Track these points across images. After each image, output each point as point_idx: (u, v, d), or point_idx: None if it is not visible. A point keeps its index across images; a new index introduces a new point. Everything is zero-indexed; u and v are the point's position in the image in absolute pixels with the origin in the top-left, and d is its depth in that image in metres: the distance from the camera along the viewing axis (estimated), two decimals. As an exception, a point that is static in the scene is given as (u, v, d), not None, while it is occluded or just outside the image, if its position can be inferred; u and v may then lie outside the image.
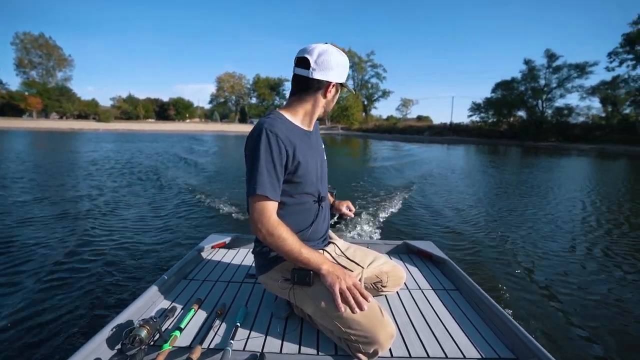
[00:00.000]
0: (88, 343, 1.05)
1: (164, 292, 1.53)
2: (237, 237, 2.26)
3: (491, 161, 16.75)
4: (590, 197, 7.19)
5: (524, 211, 5.76)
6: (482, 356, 1.13)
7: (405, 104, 68.64)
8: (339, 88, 1.27)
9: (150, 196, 6.17)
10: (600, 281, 3.01)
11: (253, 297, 1.54)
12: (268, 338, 1.21)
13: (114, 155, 13.19)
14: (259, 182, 1.13)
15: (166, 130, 45.65)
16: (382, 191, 7.02)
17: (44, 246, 3.41)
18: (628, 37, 32.91)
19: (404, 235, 4.08)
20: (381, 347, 1.06)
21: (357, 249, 1.53)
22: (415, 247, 2.11)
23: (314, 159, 1.29)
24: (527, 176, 10.59)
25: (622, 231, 4.68)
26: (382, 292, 1.53)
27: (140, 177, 8.36)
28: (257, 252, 1.35)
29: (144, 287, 1.87)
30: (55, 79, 66.75)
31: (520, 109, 43.60)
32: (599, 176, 11.89)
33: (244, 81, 79.06)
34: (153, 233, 3.99)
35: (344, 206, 1.63)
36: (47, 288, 2.55)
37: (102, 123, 56.64)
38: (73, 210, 4.88)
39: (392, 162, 13.99)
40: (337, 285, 1.09)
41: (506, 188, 8.28)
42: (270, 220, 1.14)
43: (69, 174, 8.41)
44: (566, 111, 39.96)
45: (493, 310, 1.34)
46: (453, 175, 10.49)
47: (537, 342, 1.10)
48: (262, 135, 1.14)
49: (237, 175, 8.71)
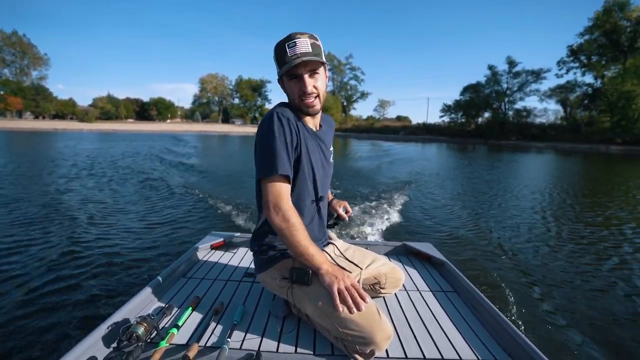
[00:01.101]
0: (85, 340, 1.05)
1: (161, 290, 1.53)
2: (236, 236, 2.25)
3: (464, 159, 17.90)
4: (574, 199, 7.11)
5: (518, 211, 5.82)
6: (478, 358, 1.13)
7: (383, 105, 72.14)
8: (285, 76, 1.19)
9: (148, 195, 6.17)
10: (599, 284, 3.00)
11: (251, 296, 1.53)
12: (265, 337, 1.21)
13: (106, 155, 13.30)
14: (279, 163, 1.11)
15: (151, 130, 46.16)
16: (370, 190, 7.15)
17: (41, 244, 3.41)
18: (572, 49, 37.42)
19: (403, 237, 4.07)
20: (378, 347, 1.05)
21: (356, 249, 1.52)
22: (414, 248, 2.10)
23: (316, 156, 1.28)
24: (503, 174, 11.29)
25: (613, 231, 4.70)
26: (380, 294, 1.51)
27: (137, 177, 8.35)
28: (256, 250, 1.33)
29: (141, 285, 1.85)
30: (31, 78, 65.47)
31: (486, 110, 47.80)
32: (567, 172, 13.09)
33: (226, 82, 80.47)
34: (151, 232, 3.99)
35: (341, 207, 1.61)
36: (44, 285, 2.56)
37: (86, 123, 56.56)
38: (69, 209, 4.87)
39: (375, 160, 14.60)
40: (336, 285, 1.07)
41: (492, 187, 8.45)
42: (288, 205, 1.13)
43: (60, 173, 8.41)
44: (525, 112, 44.67)
45: (490, 312, 1.34)
46: (438, 176, 10.58)
47: (533, 344, 1.09)
48: (273, 118, 1.14)
49: (235, 174, 9.04)
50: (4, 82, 60.14)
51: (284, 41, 1.14)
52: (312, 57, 1.13)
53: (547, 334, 2.20)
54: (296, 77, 1.17)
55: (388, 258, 1.85)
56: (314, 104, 1.21)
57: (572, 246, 4.00)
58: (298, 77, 1.17)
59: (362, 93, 68.00)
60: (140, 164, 10.87)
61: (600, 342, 2.14)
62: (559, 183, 9.48)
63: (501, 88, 45.96)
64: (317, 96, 1.21)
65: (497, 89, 46.15)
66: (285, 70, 1.14)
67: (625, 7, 32.13)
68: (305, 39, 1.14)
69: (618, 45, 33.13)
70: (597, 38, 34.88)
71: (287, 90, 1.23)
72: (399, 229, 4.52)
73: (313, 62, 1.14)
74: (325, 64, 1.22)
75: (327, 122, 1.43)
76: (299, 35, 1.14)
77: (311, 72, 1.17)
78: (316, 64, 1.17)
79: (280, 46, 1.14)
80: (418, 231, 4.49)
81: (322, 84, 1.22)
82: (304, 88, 1.16)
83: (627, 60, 31.88)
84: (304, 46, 1.13)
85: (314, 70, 1.18)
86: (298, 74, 1.16)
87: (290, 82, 1.19)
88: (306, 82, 1.16)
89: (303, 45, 1.13)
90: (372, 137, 47.76)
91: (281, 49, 1.14)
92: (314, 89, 1.18)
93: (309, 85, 1.16)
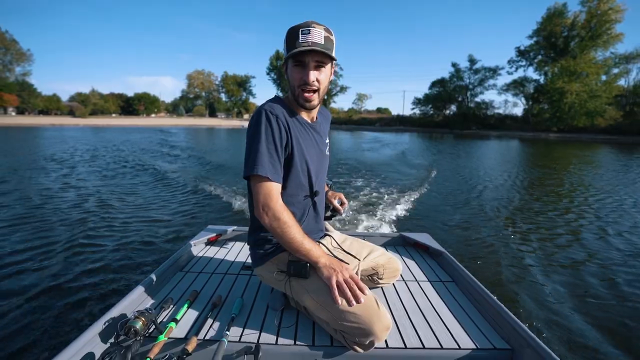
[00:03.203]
0: (83, 335, 1.05)
1: (159, 285, 1.53)
2: (233, 229, 2.25)
3: (434, 146, 19.52)
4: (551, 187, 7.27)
5: (511, 199, 6.00)
6: (477, 347, 1.14)
7: (361, 98, 76.63)
8: (291, 60, 1.16)
9: (144, 189, 6.16)
10: (595, 270, 3.00)
11: (249, 289, 1.53)
12: (264, 330, 1.21)
13: (109, 148, 13.84)
14: (259, 163, 1.11)
15: (141, 124, 48.47)
16: (365, 179, 7.48)
17: (39, 241, 3.40)
18: (519, 50, 43.27)
19: (400, 227, 4.11)
20: (377, 338, 1.05)
21: (354, 241, 1.52)
22: (412, 239, 2.11)
23: (310, 150, 1.26)
24: (476, 161, 12.46)
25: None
26: (378, 284, 1.52)
27: (132, 170, 8.47)
28: (252, 244, 1.33)
29: (139, 279, 1.78)
30: (14, 74, 66.00)
31: (452, 103, 53.23)
32: (525, 156, 14.90)
33: (212, 78, 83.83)
34: (148, 226, 3.97)
35: (336, 199, 1.59)
36: (42, 281, 2.56)
37: (80, 118, 58.93)
38: (66, 204, 4.88)
39: (365, 146, 16.46)
40: (334, 278, 1.08)
41: (477, 174, 8.92)
42: (277, 204, 1.13)
43: (53, 167, 8.53)
44: (483, 105, 50.51)
45: (488, 301, 1.35)
46: (421, 163, 11.24)
47: (531, 332, 1.10)
48: (262, 116, 1.13)
49: (232, 166, 9.23)
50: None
51: (299, 26, 1.12)
52: (323, 48, 1.10)
53: (546, 322, 2.18)
54: (301, 65, 1.14)
55: (385, 249, 1.70)
56: (312, 98, 1.19)
57: (569, 233, 4.07)
58: (303, 65, 1.14)
59: (342, 87, 72.21)
60: (139, 156, 11.28)
61: (600, 329, 2.12)
62: (517, 167, 10.81)
63: (464, 83, 51.44)
64: (317, 91, 1.19)
65: (459, 84, 51.62)
66: (293, 54, 1.11)
67: (562, 15, 37.77)
68: (321, 30, 1.12)
69: (555, 48, 38.90)
70: (539, 41, 40.64)
71: (289, 76, 1.20)
72: (393, 218, 4.52)
73: (322, 53, 1.12)
74: (335, 61, 1.18)
75: (323, 114, 1.42)
76: (315, 24, 1.12)
77: (318, 63, 1.15)
78: (324, 57, 1.14)
79: (293, 30, 1.12)
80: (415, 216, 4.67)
81: (326, 79, 1.19)
82: (305, 77, 1.14)
83: (560, 61, 37.57)
84: (318, 36, 1.10)
85: (321, 63, 1.15)
86: (304, 62, 1.14)
87: (294, 69, 1.16)
88: (310, 72, 1.14)
89: (317, 35, 1.10)
90: (351, 128, 52.66)
91: (294, 33, 1.12)
92: (315, 82, 1.16)
93: (311, 76, 1.14)
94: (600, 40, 35.16)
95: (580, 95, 33.91)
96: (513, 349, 1.14)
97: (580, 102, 33.97)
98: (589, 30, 35.63)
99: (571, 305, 2.44)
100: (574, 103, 34.24)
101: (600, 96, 33.49)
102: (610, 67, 36.07)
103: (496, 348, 1.14)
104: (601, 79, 35.46)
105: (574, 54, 36.32)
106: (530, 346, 1.07)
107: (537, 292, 2.61)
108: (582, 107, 34.05)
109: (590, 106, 33.64)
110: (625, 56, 35.92)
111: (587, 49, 35.82)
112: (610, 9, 33.76)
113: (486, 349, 1.14)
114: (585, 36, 35.95)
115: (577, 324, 2.20)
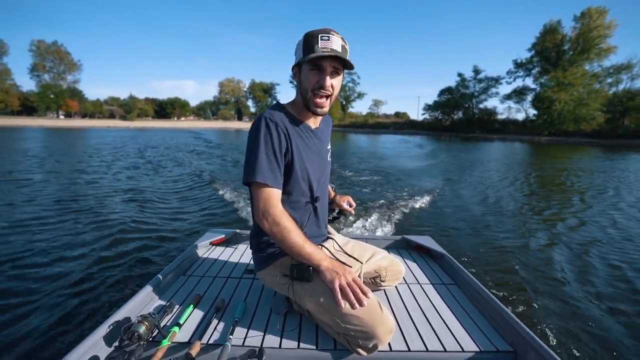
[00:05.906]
0: (86, 339, 1.05)
1: (162, 289, 1.53)
2: (236, 233, 2.25)
3: (444, 149, 20.44)
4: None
5: (512, 200, 6.08)
6: (480, 349, 1.13)
7: (377, 104, 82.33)
8: (302, 67, 1.20)
9: (146, 193, 6.14)
10: (599, 274, 2.97)
11: (252, 293, 1.53)
12: (267, 333, 1.21)
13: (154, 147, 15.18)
14: (258, 169, 1.13)
15: (179, 127, 54.15)
16: (372, 184, 7.43)
17: (40, 243, 3.40)
18: (516, 62, 48.34)
19: (402, 230, 4.12)
20: (380, 341, 1.06)
21: (356, 244, 1.53)
22: (414, 242, 2.12)
23: (311, 157, 1.27)
24: (491, 165, 12.04)
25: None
26: (380, 287, 1.53)
27: (137, 170, 8.53)
28: (255, 247, 1.34)
29: (142, 283, 1.78)
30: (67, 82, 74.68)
31: (459, 110, 58.11)
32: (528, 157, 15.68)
33: (241, 85, 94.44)
34: (150, 229, 3.95)
35: (345, 202, 1.62)
36: (45, 284, 2.55)
37: (128, 121, 67.10)
38: (67, 204, 4.91)
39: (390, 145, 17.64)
40: (337, 281, 1.08)
41: (482, 176, 8.90)
42: (277, 209, 1.14)
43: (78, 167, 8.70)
44: (487, 112, 55.08)
45: (491, 303, 1.34)
46: (435, 166, 11.24)
47: (534, 335, 1.10)
48: (261, 123, 1.16)
49: (235, 169, 9.34)
50: (46, 86, 69.27)
51: (318, 32, 1.14)
52: (342, 56, 1.14)
53: (549, 324, 2.16)
54: (318, 69, 1.16)
55: (388, 252, 1.68)
56: (324, 104, 1.21)
57: (571, 237, 3.98)
58: (320, 70, 1.16)
59: (359, 94, 78.21)
60: (165, 154, 12.39)
61: (603, 331, 2.11)
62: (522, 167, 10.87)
63: (469, 91, 56.12)
64: (329, 97, 1.21)
65: (465, 92, 56.33)
66: (311, 58, 1.12)
67: (556, 31, 42.39)
68: (339, 38, 1.15)
69: (549, 61, 43.51)
70: (534, 55, 45.31)
71: (301, 79, 1.21)
72: (397, 221, 4.50)
73: (339, 60, 1.16)
74: (352, 69, 1.20)
75: (325, 120, 1.44)
76: (333, 32, 1.15)
77: (334, 70, 1.18)
78: (340, 65, 1.18)
79: (312, 35, 1.14)
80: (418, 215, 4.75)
81: (338, 86, 1.23)
82: (322, 82, 1.16)
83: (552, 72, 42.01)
84: (337, 44, 1.14)
85: (337, 70, 1.19)
86: (322, 67, 1.16)
87: (310, 72, 1.17)
88: (327, 76, 1.16)
89: (336, 42, 1.14)
90: (366, 131, 58.13)
91: (312, 38, 1.14)
92: (330, 87, 1.18)
93: (328, 81, 1.16)
94: (590, 54, 39.24)
95: (569, 103, 38.27)
96: (516, 351, 1.14)
97: (569, 109, 38.26)
98: (577, 45, 40.04)
99: (575, 307, 2.41)
100: (562, 110, 38.61)
101: (588, 104, 37.69)
102: (604, 77, 39.93)
103: (499, 351, 1.15)
104: (594, 88, 39.22)
105: (565, 67, 40.76)
106: (534, 349, 1.06)
107: (540, 295, 2.58)
108: (571, 113, 38.31)
109: (579, 113, 37.81)
110: (617, 67, 39.85)
111: (577, 62, 40.12)
112: (598, 26, 38.00)
113: (489, 351, 1.14)
114: (575, 50, 40.40)
115: (581, 327, 2.17)
